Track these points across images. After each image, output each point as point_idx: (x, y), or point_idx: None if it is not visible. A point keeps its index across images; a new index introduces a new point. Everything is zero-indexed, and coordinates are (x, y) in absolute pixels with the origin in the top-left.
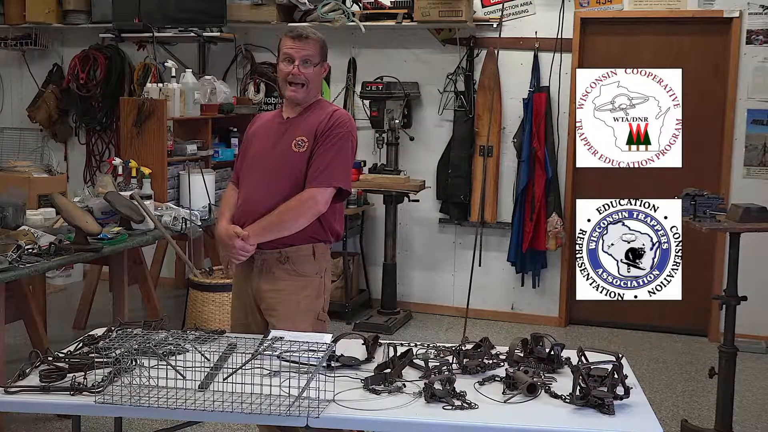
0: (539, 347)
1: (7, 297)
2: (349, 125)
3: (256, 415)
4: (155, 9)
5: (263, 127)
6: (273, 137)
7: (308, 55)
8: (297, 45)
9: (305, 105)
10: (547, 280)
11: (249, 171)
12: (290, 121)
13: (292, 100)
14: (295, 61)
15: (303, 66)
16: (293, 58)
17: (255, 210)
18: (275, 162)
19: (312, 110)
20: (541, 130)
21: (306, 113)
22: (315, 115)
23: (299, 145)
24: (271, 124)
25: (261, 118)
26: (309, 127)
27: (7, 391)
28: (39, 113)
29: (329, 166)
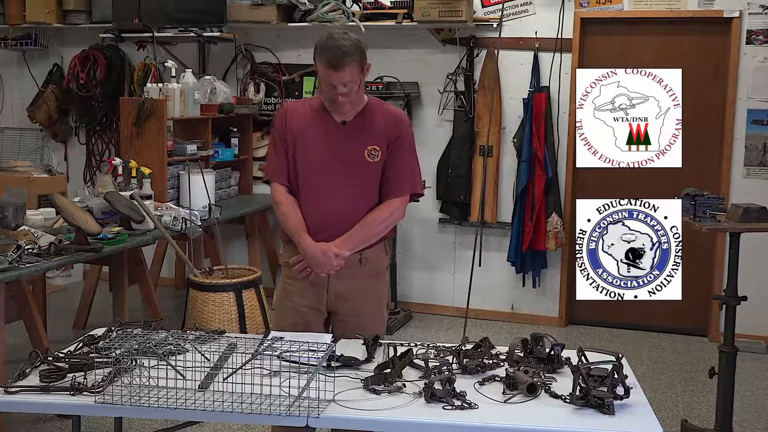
0: (539, 347)
1: (7, 297)
2: (408, 122)
3: (256, 415)
4: (155, 9)
5: (312, 126)
6: (333, 142)
7: (348, 80)
8: (335, 75)
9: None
10: (547, 280)
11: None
12: (350, 127)
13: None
14: (336, 88)
15: (345, 92)
16: (334, 85)
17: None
18: (349, 172)
19: (368, 114)
20: (541, 130)
21: (364, 117)
22: (376, 119)
23: (373, 155)
24: (322, 126)
25: (296, 112)
26: (377, 134)
27: (7, 391)
28: (39, 113)
29: (406, 173)
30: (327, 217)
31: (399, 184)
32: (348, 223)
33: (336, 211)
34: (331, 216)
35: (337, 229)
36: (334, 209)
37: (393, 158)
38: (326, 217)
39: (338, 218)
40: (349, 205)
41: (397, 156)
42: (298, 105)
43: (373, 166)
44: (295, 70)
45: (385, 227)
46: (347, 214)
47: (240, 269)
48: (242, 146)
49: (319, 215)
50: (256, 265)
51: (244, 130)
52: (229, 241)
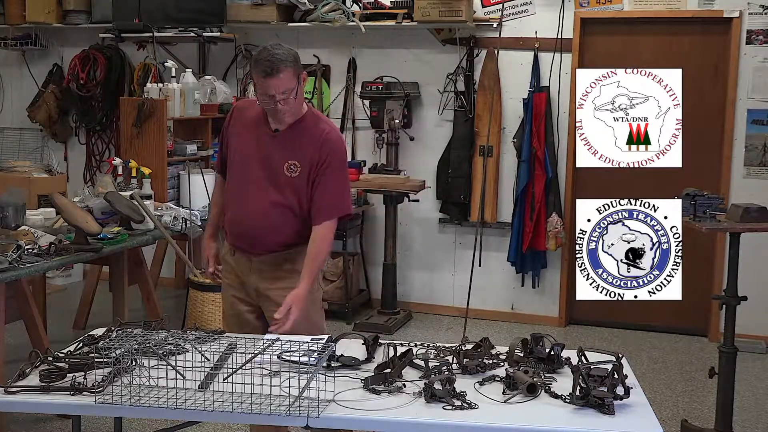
0: (539, 347)
1: (7, 297)
2: (340, 147)
3: (256, 415)
4: (155, 9)
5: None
6: (261, 150)
7: (284, 89)
8: (269, 82)
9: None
10: (547, 280)
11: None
12: (280, 138)
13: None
14: (274, 98)
15: (283, 97)
16: (272, 95)
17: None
18: (268, 181)
19: (300, 127)
20: (541, 130)
21: (294, 129)
22: (306, 136)
23: (291, 169)
24: (257, 130)
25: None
26: (301, 151)
27: (7, 391)
28: (39, 113)
29: (335, 198)
30: (242, 221)
31: (327, 209)
32: (260, 231)
33: (250, 218)
34: (245, 221)
35: (250, 235)
36: (249, 215)
37: (320, 183)
38: (241, 222)
39: (252, 225)
40: (263, 215)
41: (324, 180)
42: (247, 105)
43: (290, 180)
44: None
45: (326, 252)
46: (261, 222)
47: None
48: None
49: (236, 218)
50: None
51: None
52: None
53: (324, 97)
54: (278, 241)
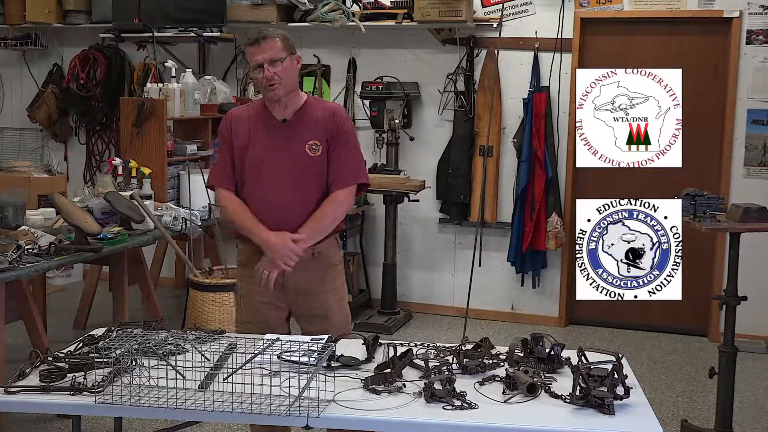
0: (539, 347)
1: (7, 297)
2: (348, 118)
3: (256, 415)
4: (155, 9)
5: (254, 129)
6: (276, 141)
7: (272, 56)
8: (258, 50)
9: (294, 106)
10: (547, 280)
11: (261, 177)
12: (291, 124)
13: (274, 98)
14: (263, 65)
15: (272, 66)
16: (260, 63)
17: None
18: (293, 168)
19: (307, 110)
20: (541, 130)
21: (303, 114)
22: (315, 114)
23: (314, 149)
24: (265, 126)
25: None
26: (316, 129)
27: (7, 391)
28: (39, 113)
29: (350, 164)
30: (276, 217)
31: (343, 176)
32: (297, 221)
33: (284, 210)
34: (280, 216)
35: (287, 229)
36: (282, 208)
37: (334, 151)
38: (276, 218)
39: (287, 217)
40: (297, 203)
41: (338, 149)
42: (242, 110)
43: (314, 160)
44: None
45: (334, 218)
46: (296, 212)
47: None
48: None
49: (268, 216)
50: None
51: None
52: (229, 241)
53: (324, 96)
54: None
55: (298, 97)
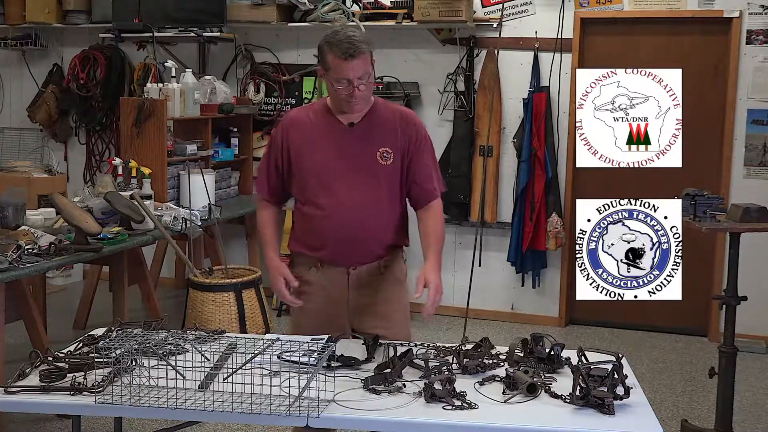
0: (539, 347)
1: (7, 297)
2: (419, 120)
3: (256, 415)
4: (155, 9)
5: (317, 133)
6: (342, 147)
7: (363, 73)
8: (350, 66)
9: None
10: (547, 280)
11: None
12: (359, 130)
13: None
14: (353, 82)
15: (361, 83)
16: (350, 80)
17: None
18: (363, 177)
19: (375, 114)
20: (541, 130)
21: (372, 117)
22: (384, 120)
23: (385, 157)
24: (329, 130)
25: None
26: (387, 135)
27: (7, 391)
28: (39, 113)
29: (434, 174)
30: (343, 226)
31: (433, 186)
32: (365, 236)
33: (353, 222)
34: (347, 228)
35: (353, 238)
36: (350, 220)
37: (419, 161)
38: (342, 227)
39: (354, 227)
40: (365, 213)
41: (422, 157)
42: (300, 114)
43: (386, 169)
44: (295, 70)
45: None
46: (363, 221)
47: (240, 269)
48: (242, 146)
49: (334, 225)
50: (256, 265)
51: (244, 130)
52: (229, 241)
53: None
54: (380, 243)
55: (370, 97)
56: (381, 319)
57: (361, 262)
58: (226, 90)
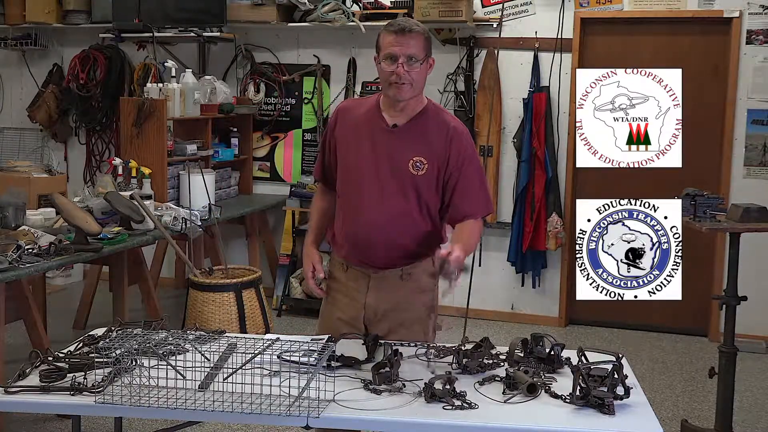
0: (539, 347)
1: (7, 297)
2: (470, 139)
3: (256, 415)
4: (155, 9)
5: (359, 128)
6: (379, 147)
7: (413, 53)
8: (400, 41)
9: (411, 111)
10: (547, 280)
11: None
12: (400, 132)
13: (396, 99)
14: (398, 59)
15: (408, 64)
16: (396, 56)
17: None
18: (389, 182)
19: (422, 120)
20: (541, 130)
21: (416, 123)
22: (429, 129)
23: (417, 167)
24: (372, 128)
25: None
26: (426, 145)
27: (7, 391)
28: (39, 113)
29: (480, 193)
30: (361, 230)
31: (474, 207)
32: (382, 239)
33: (371, 225)
34: (365, 229)
35: (371, 245)
36: (369, 222)
37: (463, 178)
38: (361, 231)
39: (372, 233)
40: (390, 222)
41: (467, 174)
42: (353, 104)
43: (416, 179)
44: (295, 70)
45: (477, 242)
46: (383, 229)
47: (240, 269)
48: (242, 146)
49: (354, 227)
50: (256, 265)
51: (244, 130)
52: (229, 241)
53: (324, 97)
54: (401, 251)
55: (419, 102)
56: (396, 325)
57: (381, 266)
58: (226, 90)
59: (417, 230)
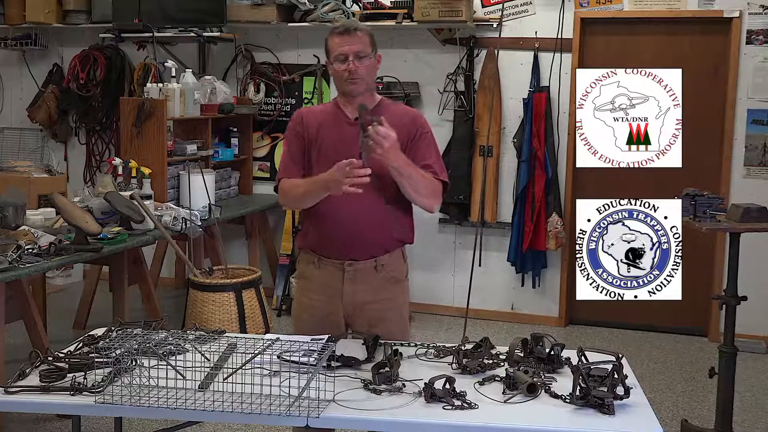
0: (539, 347)
1: (7, 297)
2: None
3: (256, 415)
4: (155, 9)
5: (326, 126)
6: (346, 139)
7: (360, 49)
8: (347, 40)
9: (369, 104)
10: (547, 280)
11: None
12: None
13: (352, 93)
14: (348, 57)
15: (358, 60)
16: (346, 54)
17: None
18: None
19: (380, 110)
20: (541, 130)
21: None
22: (388, 116)
23: None
24: (337, 124)
25: (311, 115)
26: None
27: (7, 391)
28: (39, 113)
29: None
30: (336, 221)
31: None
32: (363, 227)
33: (351, 213)
34: (340, 220)
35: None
36: (349, 211)
37: (418, 151)
38: (336, 222)
39: (354, 221)
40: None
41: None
42: (310, 109)
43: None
44: (295, 70)
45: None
46: (361, 215)
47: (240, 269)
48: (242, 146)
49: (329, 220)
50: (256, 265)
51: (244, 130)
52: (229, 241)
53: (324, 97)
54: (377, 239)
55: (373, 97)
56: (376, 317)
57: (357, 257)
58: (226, 90)
59: (390, 218)
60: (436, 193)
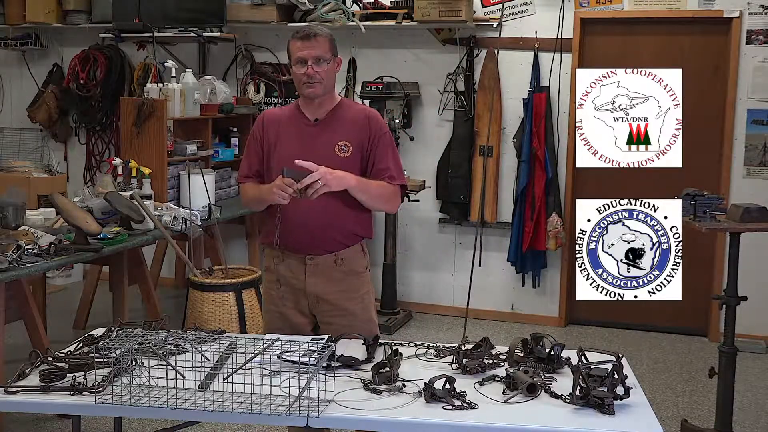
0: (539, 347)
1: (7, 297)
2: (382, 119)
3: (256, 415)
4: (155, 9)
5: (286, 128)
6: (305, 140)
7: (320, 54)
8: (307, 45)
9: (328, 106)
10: (547, 280)
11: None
12: (321, 125)
13: (311, 96)
14: (308, 61)
15: (317, 65)
16: (305, 59)
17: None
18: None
19: (340, 111)
20: (541, 130)
21: (334, 114)
22: (348, 117)
23: (343, 150)
24: (296, 126)
25: (273, 118)
26: (348, 130)
27: (7, 391)
28: (39, 113)
29: (395, 165)
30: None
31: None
32: (322, 223)
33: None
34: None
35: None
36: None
37: (377, 152)
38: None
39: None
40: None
41: (380, 150)
42: (275, 111)
43: (343, 161)
44: None
45: (380, 194)
46: (319, 210)
47: (240, 269)
48: (242, 146)
49: (290, 217)
50: (256, 265)
51: (244, 130)
52: (229, 241)
53: None
54: (335, 233)
55: (332, 98)
56: (340, 310)
57: (317, 251)
58: (226, 90)
59: (349, 213)
60: (392, 199)
